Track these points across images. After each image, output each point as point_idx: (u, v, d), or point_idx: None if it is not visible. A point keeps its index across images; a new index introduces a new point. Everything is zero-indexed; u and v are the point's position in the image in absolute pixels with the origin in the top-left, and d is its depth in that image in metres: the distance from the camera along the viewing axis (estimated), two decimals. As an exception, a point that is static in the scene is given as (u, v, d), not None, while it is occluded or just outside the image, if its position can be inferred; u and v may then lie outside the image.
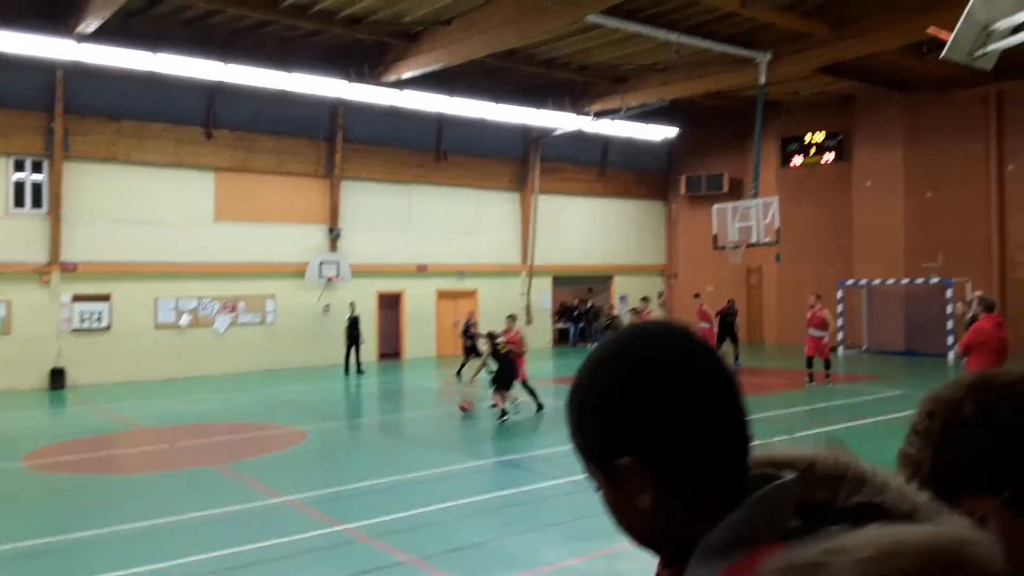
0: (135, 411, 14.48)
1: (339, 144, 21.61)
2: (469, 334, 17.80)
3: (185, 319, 19.78)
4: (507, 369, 12.57)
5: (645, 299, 18.94)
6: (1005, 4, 10.38)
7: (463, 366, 17.51)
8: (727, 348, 18.82)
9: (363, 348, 20.13)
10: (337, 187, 21.80)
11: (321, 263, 21.29)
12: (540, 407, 12.82)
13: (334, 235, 21.78)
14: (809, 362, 15.87)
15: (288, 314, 21.18)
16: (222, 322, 20.32)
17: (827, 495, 0.91)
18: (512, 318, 13.78)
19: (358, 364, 19.57)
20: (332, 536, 6.99)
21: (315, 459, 10.63)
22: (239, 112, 20.13)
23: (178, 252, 19.58)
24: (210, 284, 20.10)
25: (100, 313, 18.71)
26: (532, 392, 12.91)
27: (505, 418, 12.27)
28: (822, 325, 15.72)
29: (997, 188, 21.13)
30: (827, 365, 15.88)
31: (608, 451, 0.91)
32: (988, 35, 10.47)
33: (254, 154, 20.61)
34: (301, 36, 17.87)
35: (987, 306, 9.41)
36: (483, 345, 13.51)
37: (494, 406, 12.60)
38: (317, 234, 21.72)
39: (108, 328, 18.78)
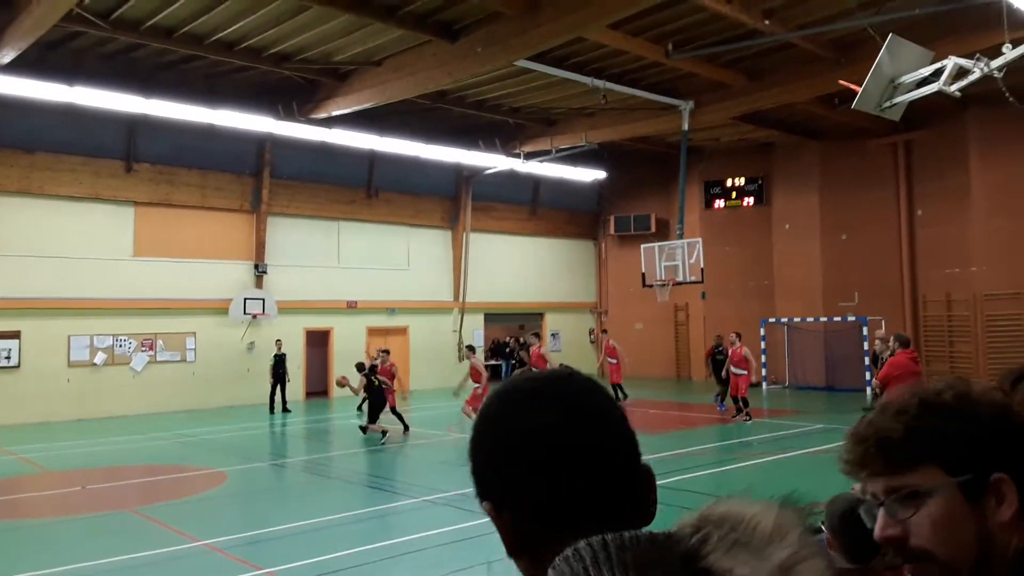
0: (44, 453, 13.75)
1: (266, 179, 21.30)
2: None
3: (100, 357, 18.99)
4: (377, 399, 14.83)
5: (536, 334, 18.99)
6: (910, 59, 11.06)
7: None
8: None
9: (289, 386, 19.74)
10: (263, 223, 21.44)
11: (246, 300, 20.80)
12: (406, 428, 15.12)
13: (260, 271, 21.35)
14: (736, 399, 16.25)
15: (210, 352, 20.56)
16: (139, 360, 19.59)
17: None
18: (386, 352, 16.12)
19: (283, 402, 19.28)
20: (251, 581, 6.73)
21: (234, 502, 10.26)
22: (161, 146, 19.69)
23: (94, 288, 18.86)
24: (127, 321, 19.39)
25: (9, 351, 17.82)
26: (399, 417, 15.22)
27: (385, 439, 14.12)
28: (742, 363, 16.15)
29: (907, 232, 22.21)
30: (744, 403, 16.17)
31: (478, 493, 0.96)
32: (895, 88, 11.14)
33: (176, 188, 20.13)
34: (228, 72, 17.65)
35: (902, 342, 9.84)
36: (353, 381, 15.50)
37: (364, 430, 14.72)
38: (242, 270, 21.25)
39: (17, 367, 17.87)
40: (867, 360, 20.58)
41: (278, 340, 19.83)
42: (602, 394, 0.97)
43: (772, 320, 23.96)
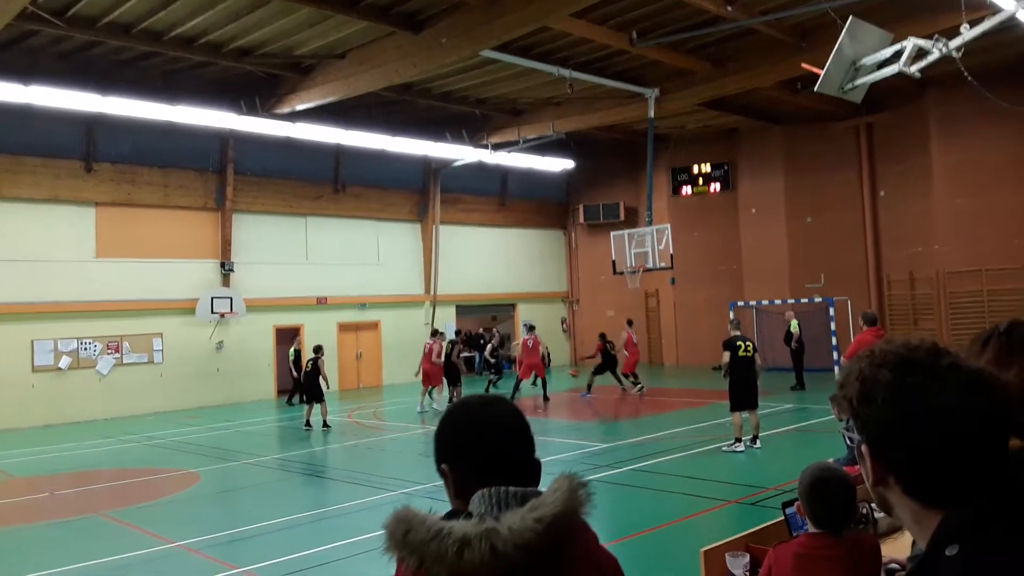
0: (11, 460, 13.46)
1: (230, 176, 21.01)
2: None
3: (65, 361, 18.64)
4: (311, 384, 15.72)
5: (436, 332, 18.91)
6: (870, 41, 11.20)
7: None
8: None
9: (261, 384, 19.67)
10: (229, 220, 21.15)
11: (213, 299, 20.53)
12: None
13: (226, 270, 21.07)
14: (630, 377, 18.83)
15: (178, 353, 20.27)
16: (106, 363, 19.25)
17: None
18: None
19: (302, 394, 20.21)
20: (229, 580, 6.66)
21: (209, 502, 10.14)
22: (121, 145, 19.32)
23: (56, 291, 18.49)
24: (92, 323, 19.04)
25: (-32, 359, 17.40)
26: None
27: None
28: (630, 345, 18.79)
29: (871, 213, 22.56)
30: (629, 378, 18.75)
31: (436, 459, 1.66)
32: (856, 70, 11.27)
33: (138, 187, 19.78)
34: (188, 68, 17.36)
35: (869, 320, 10.00)
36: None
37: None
38: (208, 269, 20.96)
39: (-22, 374, 17.48)
40: (834, 340, 20.91)
41: (296, 337, 20.88)
42: (517, 415, 1.68)
43: (741, 303, 24.21)
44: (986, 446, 1.10)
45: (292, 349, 20.47)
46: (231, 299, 20.84)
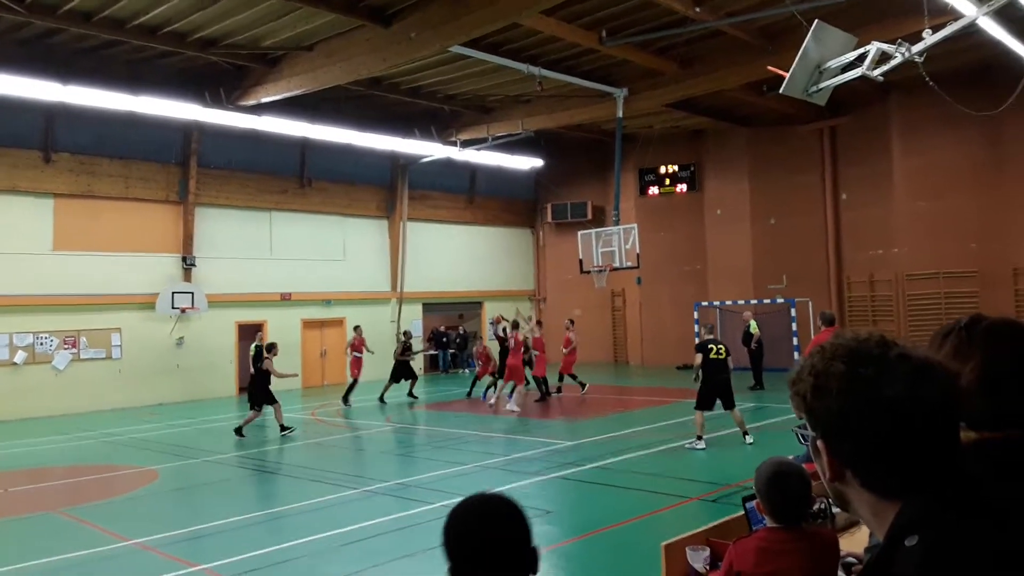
0: (-41, 459, 13.10)
1: (193, 169, 20.66)
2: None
3: (20, 356, 18.19)
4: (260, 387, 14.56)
5: (357, 328, 19.12)
6: (835, 45, 11.36)
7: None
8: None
9: (222, 382, 19.39)
10: (191, 214, 20.80)
11: (173, 293, 20.18)
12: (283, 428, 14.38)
13: (188, 264, 20.73)
14: (570, 377, 18.29)
15: (137, 348, 19.90)
16: (62, 358, 18.83)
17: None
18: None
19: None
20: (186, 578, 6.54)
21: (167, 499, 9.95)
22: (81, 135, 18.91)
23: (11, 284, 18.04)
24: (48, 318, 18.61)
25: (-82, 352, 16.91)
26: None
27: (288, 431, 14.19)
28: (568, 344, 18.40)
29: (833, 216, 22.91)
30: (563, 379, 18.62)
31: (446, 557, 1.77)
32: (821, 73, 11.42)
33: (98, 179, 19.36)
34: (151, 57, 17.03)
35: (827, 320, 10.14)
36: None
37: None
38: (169, 263, 20.61)
39: (-72, 369, 17.00)
40: (795, 340, 21.20)
41: (258, 332, 19.95)
42: (511, 515, 1.80)
43: (705, 303, 24.44)
44: (937, 434, 1.11)
45: (253, 345, 20.23)
46: (192, 294, 20.51)
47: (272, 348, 14.99)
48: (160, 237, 20.53)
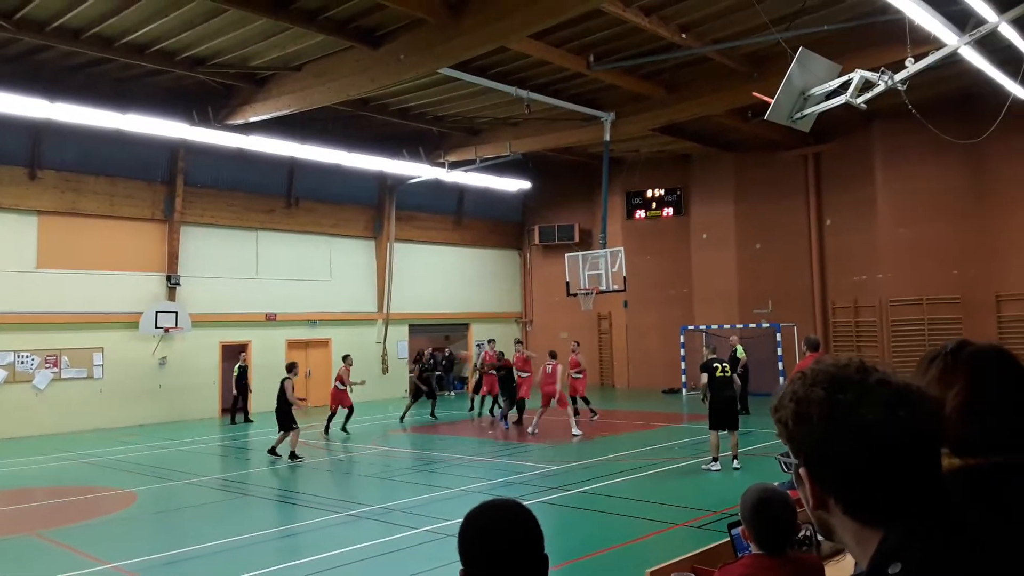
0: (-66, 479, 12.86)
1: (179, 187, 20.59)
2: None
3: (0, 374, 17.95)
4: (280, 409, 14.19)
5: (345, 357, 17.92)
6: (819, 72, 11.51)
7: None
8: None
9: (204, 403, 19.25)
10: (177, 232, 20.70)
11: (157, 313, 20.01)
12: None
13: (172, 283, 20.58)
14: (583, 400, 17.76)
15: (119, 368, 19.68)
16: (43, 377, 18.60)
17: None
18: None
19: (245, 413, 19.95)
20: (163, 603, 6.42)
21: (146, 522, 9.80)
22: (67, 152, 18.82)
23: (-7, 302, 17.84)
24: (30, 336, 18.39)
25: None
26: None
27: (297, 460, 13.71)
28: (576, 366, 17.82)
29: (817, 241, 23.09)
30: (581, 402, 17.74)
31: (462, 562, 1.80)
32: (805, 100, 11.56)
33: (83, 196, 19.25)
34: (139, 75, 17.00)
35: (811, 345, 10.17)
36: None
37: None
38: (153, 282, 20.45)
39: (-96, 387, 16.72)
40: (780, 365, 21.26)
41: (242, 353, 20.58)
42: (526, 520, 1.84)
43: (691, 327, 24.50)
44: (918, 459, 1.10)
45: (237, 366, 20.11)
46: (176, 313, 20.35)
47: (292, 368, 14.63)
48: (145, 255, 20.40)
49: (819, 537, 3.93)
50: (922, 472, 1.11)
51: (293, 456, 13.80)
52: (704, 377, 11.47)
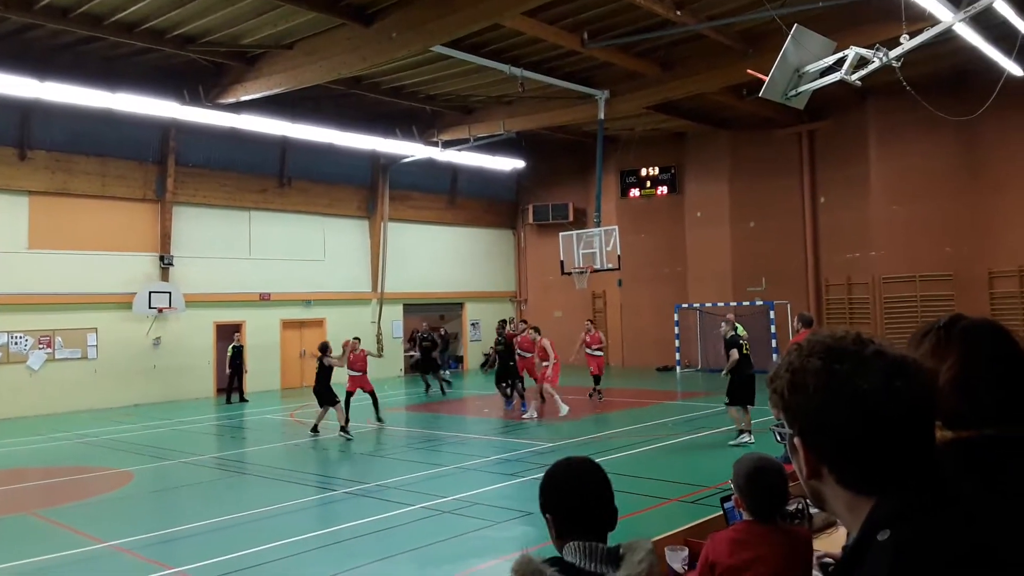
0: (-71, 460, 12.87)
1: (171, 167, 20.46)
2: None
3: (-7, 356, 17.92)
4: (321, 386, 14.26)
5: (356, 339, 16.20)
6: (814, 49, 11.45)
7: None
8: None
9: (199, 383, 19.26)
10: (169, 212, 20.59)
11: (151, 293, 19.96)
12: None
13: (165, 263, 20.51)
14: (594, 380, 17.71)
15: (113, 349, 19.66)
16: (37, 358, 18.57)
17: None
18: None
19: (241, 392, 19.88)
20: (161, 581, 6.46)
21: (143, 501, 9.84)
22: (58, 132, 18.66)
23: (-15, 283, 17.77)
24: (23, 317, 18.34)
25: None
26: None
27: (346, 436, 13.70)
28: (596, 342, 17.91)
29: (811, 219, 23.11)
30: (597, 381, 17.71)
31: (541, 509, 2.16)
32: (800, 77, 11.51)
33: (74, 177, 19.12)
34: (129, 54, 16.83)
35: (805, 322, 10.21)
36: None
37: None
38: (146, 262, 20.38)
39: (-103, 368, 16.69)
40: (774, 343, 21.35)
41: (236, 333, 20.55)
42: (601, 472, 2.17)
43: (685, 305, 24.57)
44: (912, 430, 1.12)
45: (231, 346, 20.09)
46: (170, 294, 20.30)
47: (325, 349, 14.69)
48: (137, 236, 20.30)
49: (811, 510, 3.98)
50: (916, 443, 1.12)
51: (342, 430, 13.84)
52: (734, 353, 11.52)
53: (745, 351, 11.62)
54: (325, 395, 14.09)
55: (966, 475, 1.25)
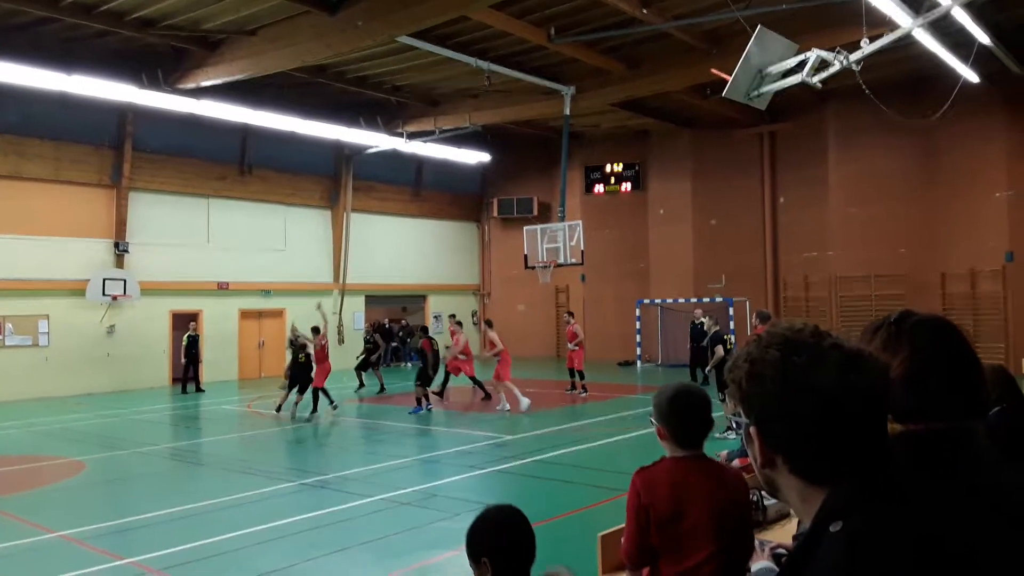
0: None
1: (128, 152, 20.03)
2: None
3: (-62, 343, 17.40)
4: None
5: (316, 328, 15.92)
6: (777, 51, 11.62)
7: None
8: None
9: (153, 372, 18.93)
10: (125, 198, 20.16)
11: (105, 280, 19.54)
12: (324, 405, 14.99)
13: (121, 250, 20.09)
14: (573, 373, 17.64)
15: (65, 336, 19.22)
16: (-15, 345, 18.07)
17: None
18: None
19: (197, 382, 19.59)
20: (114, 571, 6.35)
21: (95, 491, 9.65)
22: (9, 114, 18.15)
23: (-69, 267, 17.22)
24: (-29, 303, 17.83)
25: None
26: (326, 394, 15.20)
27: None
28: (573, 339, 17.56)
29: (771, 218, 23.48)
30: (580, 375, 17.60)
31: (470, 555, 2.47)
32: (762, 78, 11.67)
33: (27, 160, 18.62)
34: (87, 36, 16.41)
35: (763, 318, 10.37)
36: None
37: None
38: (100, 248, 19.94)
39: None
40: (732, 339, 21.63)
41: (192, 323, 20.19)
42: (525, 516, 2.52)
43: (647, 301, 24.79)
44: (865, 422, 1.14)
45: (186, 335, 19.77)
46: (125, 281, 19.90)
47: (317, 331, 15.50)
48: (92, 221, 19.85)
49: (766, 502, 4.05)
50: (869, 435, 1.15)
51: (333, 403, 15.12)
52: (720, 349, 11.68)
53: (729, 347, 11.84)
54: (303, 381, 15.00)
55: (916, 468, 1.28)
